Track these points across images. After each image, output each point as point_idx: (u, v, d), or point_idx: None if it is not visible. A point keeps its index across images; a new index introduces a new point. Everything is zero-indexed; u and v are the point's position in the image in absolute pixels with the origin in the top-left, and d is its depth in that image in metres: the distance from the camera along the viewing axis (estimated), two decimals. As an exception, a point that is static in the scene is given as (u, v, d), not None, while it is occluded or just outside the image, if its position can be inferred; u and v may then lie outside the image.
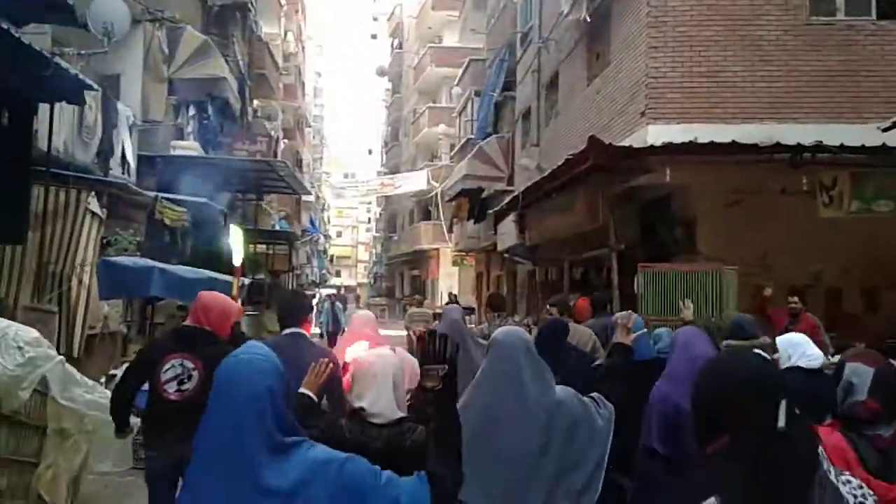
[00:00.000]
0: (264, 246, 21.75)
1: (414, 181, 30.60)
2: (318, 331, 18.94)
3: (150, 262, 8.21)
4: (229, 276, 9.23)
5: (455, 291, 25.48)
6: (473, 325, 11.31)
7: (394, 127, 50.01)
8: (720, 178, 8.83)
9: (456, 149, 28.13)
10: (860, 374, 2.44)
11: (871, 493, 1.77)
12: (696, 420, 1.82)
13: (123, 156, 10.80)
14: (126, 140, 11.00)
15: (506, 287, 22.96)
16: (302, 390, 2.77)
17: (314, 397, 2.77)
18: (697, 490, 1.71)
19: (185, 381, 3.97)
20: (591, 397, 2.97)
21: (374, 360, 2.61)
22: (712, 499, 1.65)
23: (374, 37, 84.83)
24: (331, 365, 2.92)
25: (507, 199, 17.50)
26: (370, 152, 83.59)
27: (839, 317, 9.56)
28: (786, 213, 8.93)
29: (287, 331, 4.22)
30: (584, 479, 2.80)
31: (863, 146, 7.73)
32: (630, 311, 3.59)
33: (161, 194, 10.62)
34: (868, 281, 9.78)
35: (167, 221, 9.97)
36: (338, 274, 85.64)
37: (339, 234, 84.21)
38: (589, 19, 12.41)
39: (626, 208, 10.16)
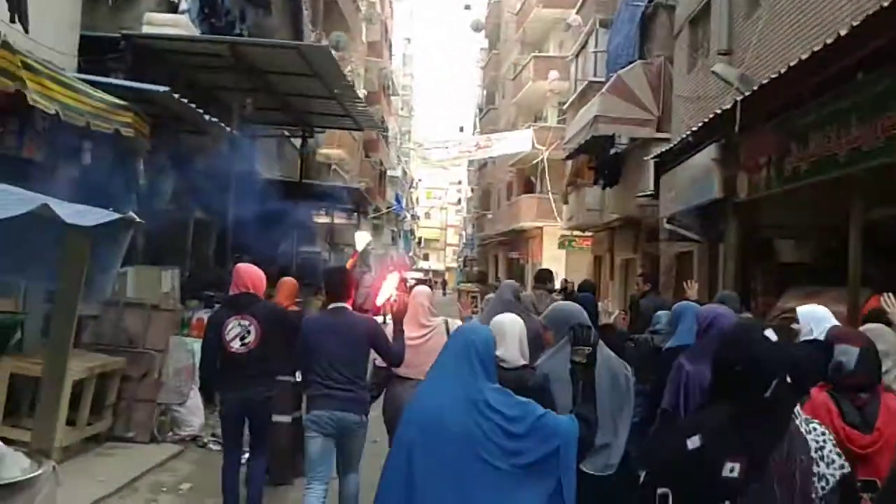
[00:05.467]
0: (324, 214, 16.59)
1: (516, 141, 24.87)
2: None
3: None
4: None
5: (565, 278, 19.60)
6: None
7: (489, 90, 44.24)
8: None
9: (571, 99, 22.17)
10: (847, 353, 2.97)
11: (832, 437, 2.28)
12: (712, 379, 2.36)
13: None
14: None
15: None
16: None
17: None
18: (686, 430, 2.23)
19: (246, 335, 4.85)
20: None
21: (506, 321, 3.57)
22: (696, 436, 2.14)
23: (467, 7, 79.25)
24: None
25: (660, 148, 11.71)
26: (461, 129, 78.00)
27: None
28: None
29: (332, 305, 4.77)
30: (629, 420, 3.66)
31: None
32: None
33: (73, 69, 5.37)
34: None
35: (48, 108, 4.68)
36: (426, 257, 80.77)
37: (427, 216, 79.18)
38: None
39: None
